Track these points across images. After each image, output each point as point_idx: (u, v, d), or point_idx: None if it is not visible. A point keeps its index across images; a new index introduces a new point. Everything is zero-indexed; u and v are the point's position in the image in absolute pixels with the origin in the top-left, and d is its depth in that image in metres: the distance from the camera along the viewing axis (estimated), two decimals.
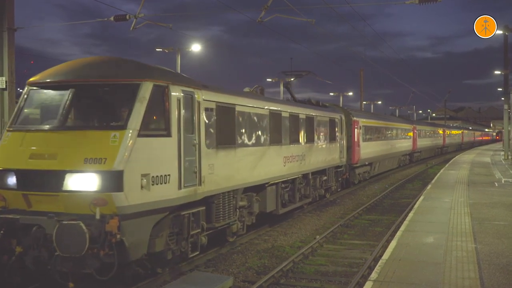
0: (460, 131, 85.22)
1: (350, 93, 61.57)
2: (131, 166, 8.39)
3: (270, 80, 47.66)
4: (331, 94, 62.58)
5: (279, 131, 15.10)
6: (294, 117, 16.41)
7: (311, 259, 12.26)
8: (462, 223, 13.57)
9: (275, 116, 14.84)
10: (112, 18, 18.25)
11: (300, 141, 16.89)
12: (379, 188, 26.78)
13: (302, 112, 17.40)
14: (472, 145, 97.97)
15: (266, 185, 14.30)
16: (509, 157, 40.75)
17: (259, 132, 13.80)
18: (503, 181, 24.44)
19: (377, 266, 9.55)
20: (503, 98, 42.30)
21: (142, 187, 8.59)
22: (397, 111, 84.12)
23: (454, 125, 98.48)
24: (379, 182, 29.93)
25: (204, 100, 10.71)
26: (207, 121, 10.83)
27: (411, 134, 42.50)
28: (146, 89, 9.01)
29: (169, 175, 9.26)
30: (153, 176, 8.84)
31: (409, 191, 26.08)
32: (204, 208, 10.85)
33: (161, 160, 9.14)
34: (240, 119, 12.65)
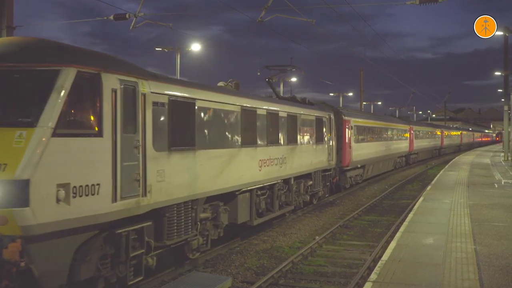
0: (459, 132, 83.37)
1: (350, 94, 61.59)
2: (42, 174, 6.66)
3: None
4: (331, 94, 62.60)
5: (253, 131, 13.39)
6: (272, 115, 14.68)
7: (310, 260, 12.23)
8: (461, 224, 13.54)
9: (248, 113, 13.10)
10: (112, 17, 18.21)
11: (280, 142, 15.15)
12: (379, 189, 26.75)
13: (283, 109, 15.63)
14: (471, 146, 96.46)
15: (237, 192, 12.55)
16: (509, 158, 40.72)
17: (228, 132, 12.04)
18: (503, 183, 24.42)
19: (376, 267, 9.53)
20: (503, 99, 42.29)
21: (58, 200, 6.86)
22: (397, 111, 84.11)
23: (455, 126, 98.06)
24: (379, 183, 29.90)
25: (152, 93, 8.97)
26: (156, 119, 9.07)
27: (407, 135, 41.02)
28: (67, 77, 7.23)
29: (98, 184, 7.51)
30: (74, 187, 7.09)
31: (408, 192, 26.05)
32: (150, 223, 9.08)
33: (87, 166, 7.37)
34: (202, 116, 10.90)
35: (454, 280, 8.52)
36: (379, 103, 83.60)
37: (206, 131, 11.01)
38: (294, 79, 48.23)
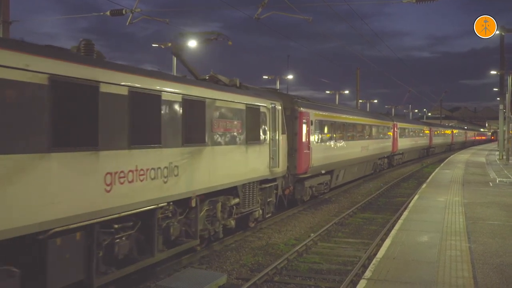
0: (450, 130, 77.32)
1: (346, 92, 61.61)
2: None
3: (266, 77, 47.65)
4: (328, 92, 62.60)
5: (83, 123, 7.76)
6: (142, 99, 9.09)
7: (305, 257, 12.25)
8: (456, 222, 13.59)
9: (71, 93, 7.51)
10: (108, 13, 18.16)
11: (164, 141, 9.60)
12: (374, 187, 26.79)
13: (171, 90, 9.92)
14: (463, 145, 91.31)
15: (45, 236, 7.04)
16: (504, 157, 40.86)
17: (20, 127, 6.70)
18: (497, 181, 24.51)
19: (371, 264, 9.56)
20: (498, 99, 42.36)
21: None
22: (393, 110, 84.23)
23: (450, 124, 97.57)
24: (374, 181, 29.94)
25: None
26: None
27: (390, 133, 36.30)
28: None
29: None
30: None
31: (404, 190, 26.11)
32: None
33: None
34: None
35: (449, 278, 8.56)
36: (375, 101, 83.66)
37: None
38: (290, 77, 48.26)
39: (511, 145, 41.21)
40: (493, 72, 44.45)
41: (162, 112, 9.66)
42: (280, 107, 15.48)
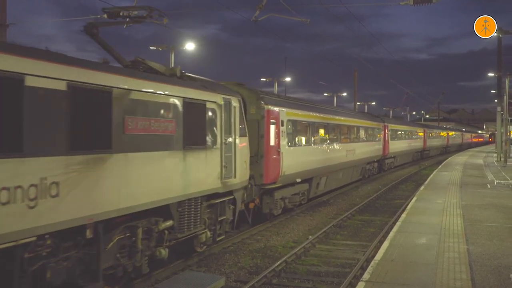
0: (445, 133, 73.87)
1: (344, 94, 61.70)
2: None
3: (264, 79, 47.68)
4: (325, 94, 62.67)
5: None
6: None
7: (303, 259, 12.25)
8: (454, 224, 13.61)
9: None
10: (105, 15, 18.14)
11: (25, 149, 6.61)
12: (372, 189, 26.81)
13: (43, 72, 6.87)
14: (460, 148, 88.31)
15: None
16: (502, 159, 40.93)
17: None
18: (495, 183, 24.55)
19: (369, 266, 9.57)
20: (496, 100, 42.48)
21: None
22: (390, 112, 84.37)
23: (448, 126, 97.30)
24: (372, 183, 29.96)
25: None
26: None
27: (380, 135, 33.78)
28: None
29: None
30: None
31: (402, 192, 26.12)
32: None
33: None
34: None
35: (447, 280, 8.57)
36: (373, 103, 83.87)
37: None
38: (288, 79, 48.30)
39: (509, 147, 41.31)
40: (490, 74, 44.58)
41: (26, 104, 6.56)
42: (237, 104, 12.56)
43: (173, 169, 9.75)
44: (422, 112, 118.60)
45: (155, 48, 30.84)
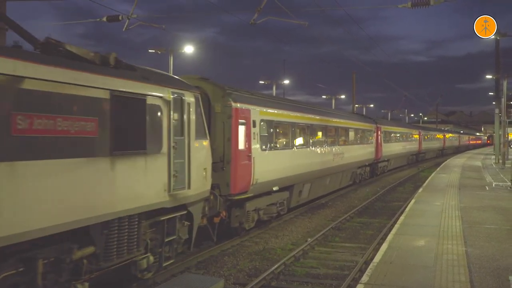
0: (441, 135, 71.98)
1: (343, 96, 61.79)
2: None
3: (262, 82, 47.74)
4: (324, 97, 62.75)
5: None
6: None
7: (302, 262, 12.25)
8: (453, 226, 13.63)
9: None
10: (105, 19, 18.18)
11: None
12: (371, 191, 26.82)
13: None
14: (457, 150, 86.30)
15: None
16: (500, 161, 41.00)
17: None
18: (493, 185, 24.59)
19: (368, 269, 9.58)
20: (494, 103, 42.56)
21: None
22: (389, 114, 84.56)
23: (446, 128, 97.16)
24: (370, 186, 29.98)
25: None
26: None
27: (373, 137, 31.69)
28: None
29: None
30: None
31: (400, 194, 26.14)
32: None
33: None
34: None
35: (445, 282, 8.58)
36: (372, 105, 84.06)
37: None
38: (287, 82, 48.36)
39: (507, 149, 41.38)
40: (488, 76, 44.66)
41: None
42: (193, 100, 10.52)
43: (94, 180, 7.64)
44: (421, 114, 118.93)
45: (154, 51, 30.89)
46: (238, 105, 13.53)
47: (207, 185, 11.30)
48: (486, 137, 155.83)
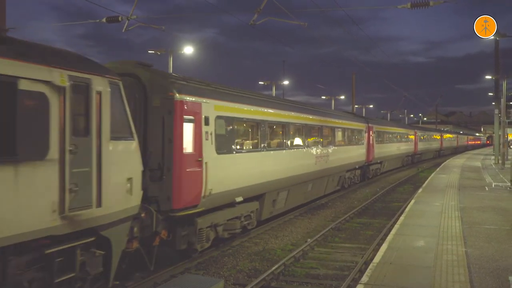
0: (438, 135, 69.55)
1: (342, 97, 61.80)
2: None
3: (262, 83, 47.75)
4: (323, 97, 62.77)
5: None
6: None
7: (302, 262, 12.26)
8: (452, 227, 13.63)
9: None
10: (104, 20, 18.19)
11: None
12: (371, 192, 26.83)
13: None
14: (455, 151, 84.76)
15: None
16: (500, 161, 41.01)
17: None
18: (493, 185, 24.59)
19: (368, 269, 9.58)
20: (493, 103, 42.59)
21: None
22: (388, 115, 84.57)
23: (445, 129, 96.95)
24: (370, 186, 29.98)
25: None
26: None
27: (364, 138, 29.34)
28: None
29: None
30: None
31: (400, 194, 26.15)
32: None
33: None
34: None
35: (445, 283, 8.58)
36: (371, 106, 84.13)
37: None
38: (286, 82, 48.37)
39: (506, 150, 41.40)
40: (488, 77, 44.70)
41: None
42: (107, 88, 8.07)
43: None
44: (420, 115, 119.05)
45: (153, 52, 30.90)
46: (184, 97, 10.85)
47: (134, 199, 8.65)
48: (485, 138, 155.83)
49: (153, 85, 10.64)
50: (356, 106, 59.83)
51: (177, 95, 10.69)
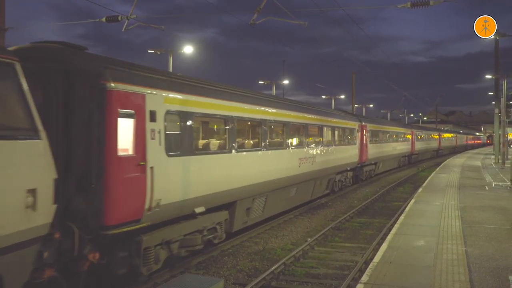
0: (437, 134, 67.84)
1: (342, 96, 61.81)
2: None
3: (262, 82, 47.74)
4: (323, 97, 62.78)
5: None
6: None
7: (302, 262, 12.25)
8: (452, 226, 13.63)
9: None
10: (104, 19, 18.20)
11: None
12: (370, 191, 26.83)
13: None
14: (454, 151, 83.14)
15: None
16: (500, 160, 41.01)
17: None
18: (493, 185, 24.59)
19: (368, 269, 9.58)
20: (494, 103, 42.60)
21: None
22: (388, 114, 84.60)
23: (445, 128, 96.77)
24: (370, 186, 29.98)
25: None
26: None
27: (356, 137, 27.29)
28: None
29: None
30: None
31: (400, 194, 26.14)
32: None
33: None
34: None
35: (445, 282, 8.58)
36: (371, 106, 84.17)
37: None
38: (286, 82, 48.37)
39: (506, 149, 41.41)
40: (488, 76, 44.71)
41: None
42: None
43: None
44: (420, 114, 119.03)
45: (153, 51, 30.88)
46: (121, 86, 8.78)
47: (41, 217, 6.51)
48: (485, 137, 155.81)
49: (80, 71, 8.50)
50: (356, 105, 59.89)
51: (111, 83, 8.56)
